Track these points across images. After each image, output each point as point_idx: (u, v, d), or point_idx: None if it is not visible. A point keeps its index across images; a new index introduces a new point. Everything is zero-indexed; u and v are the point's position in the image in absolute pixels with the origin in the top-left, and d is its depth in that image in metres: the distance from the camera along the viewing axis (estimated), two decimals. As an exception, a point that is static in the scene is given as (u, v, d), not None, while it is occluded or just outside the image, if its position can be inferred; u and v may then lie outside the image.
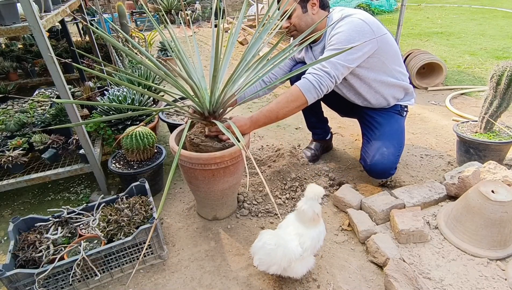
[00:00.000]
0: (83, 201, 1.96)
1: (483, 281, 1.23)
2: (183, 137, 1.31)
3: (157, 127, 2.43)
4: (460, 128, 1.96)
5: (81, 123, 1.33)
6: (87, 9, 5.57)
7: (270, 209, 1.74)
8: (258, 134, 2.56)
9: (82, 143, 1.74)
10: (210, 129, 1.48)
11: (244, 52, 1.47)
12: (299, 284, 1.35)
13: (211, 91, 1.34)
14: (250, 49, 1.49)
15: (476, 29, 5.23)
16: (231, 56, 1.59)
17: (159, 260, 1.49)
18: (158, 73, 1.32)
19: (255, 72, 1.48)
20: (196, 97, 1.40)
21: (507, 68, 1.66)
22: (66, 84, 1.59)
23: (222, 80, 1.49)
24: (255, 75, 1.47)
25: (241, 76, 1.47)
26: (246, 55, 1.46)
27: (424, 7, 7.54)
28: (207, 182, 1.51)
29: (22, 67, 3.46)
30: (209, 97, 1.40)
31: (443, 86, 3.16)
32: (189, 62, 1.54)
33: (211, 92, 1.35)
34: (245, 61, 1.46)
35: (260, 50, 1.49)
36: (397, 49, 1.71)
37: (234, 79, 1.41)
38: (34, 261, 1.33)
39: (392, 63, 1.69)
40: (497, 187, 1.30)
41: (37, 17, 1.40)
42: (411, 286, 1.18)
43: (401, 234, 1.40)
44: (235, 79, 1.44)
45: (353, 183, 1.92)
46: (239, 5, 8.32)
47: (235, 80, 1.44)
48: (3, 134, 2.05)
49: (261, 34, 1.51)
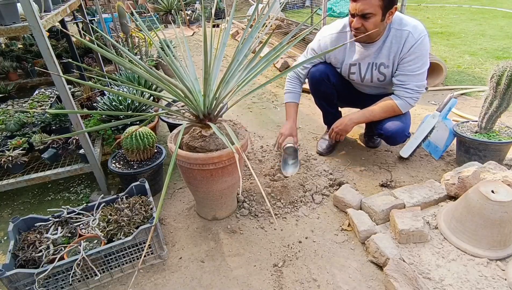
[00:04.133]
0: (83, 201, 1.96)
1: (483, 281, 1.23)
2: (179, 139, 1.31)
3: (157, 127, 2.43)
4: (460, 128, 1.96)
5: (83, 131, 1.32)
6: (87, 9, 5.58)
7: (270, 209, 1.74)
8: (258, 134, 2.56)
9: (82, 143, 1.74)
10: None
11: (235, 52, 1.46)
12: (299, 284, 1.35)
13: (204, 93, 1.34)
14: (242, 49, 1.47)
15: (476, 29, 5.22)
16: (223, 56, 1.59)
17: (159, 260, 1.49)
18: (148, 79, 1.30)
19: (247, 71, 1.46)
20: (189, 100, 1.40)
21: (507, 68, 1.65)
22: (66, 84, 1.59)
23: (215, 82, 1.48)
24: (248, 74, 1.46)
25: (234, 75, 1.46)
26: (238, 54, 1.45)
27: (424, 7, 7.54)
28: (205, 182, 1.51)
29: (22, 67, 3.46)
30: (203, 100, 1.39)
31: (443, 86, 3.16)
32: (183, 65, 1.53)
33: (204, 95, 1.35)
34: (237, 61, 1.45)
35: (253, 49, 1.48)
36: None
37: (227, 80, 1.40)
38: (34, 261, 1.33)
39: None
40: (497, 187, 1.30)
41: (37, 17, 1.40)
42: (411, 286, 1.18)
43: (401, 234, 1.40)
44: (228, 80, 1.43)
45: (353, 183, 1.92)
46: (239, 5, 8.32)
47: (228, 81, 1.43)
48: (3, 134, 2.05)
49: (252, 32, 1.50)
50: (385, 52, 1.74)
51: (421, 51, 1.68)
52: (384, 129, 1.84)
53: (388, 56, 1.75)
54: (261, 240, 1.58)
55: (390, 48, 1.72)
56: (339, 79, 2.00)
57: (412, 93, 1.75)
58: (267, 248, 1.53)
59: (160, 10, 7.40)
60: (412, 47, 1.67)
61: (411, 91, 1.75)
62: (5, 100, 2.85)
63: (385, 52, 1.74)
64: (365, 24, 1.61)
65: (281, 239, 1.57)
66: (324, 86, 1.99)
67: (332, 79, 1.97)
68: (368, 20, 1.60)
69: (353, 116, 1.88)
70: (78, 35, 4.42)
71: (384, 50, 1.74)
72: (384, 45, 1.73)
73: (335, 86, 1.99)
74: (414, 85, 1.73)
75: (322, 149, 2.19)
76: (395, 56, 1.73)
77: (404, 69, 1.73)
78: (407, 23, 1.69)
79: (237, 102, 1.57)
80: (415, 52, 1.68)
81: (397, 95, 1.80)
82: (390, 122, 1.83)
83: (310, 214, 1.72)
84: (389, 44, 1.72)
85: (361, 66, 1.85)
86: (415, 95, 1.76)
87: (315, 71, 1.97)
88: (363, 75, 1.87)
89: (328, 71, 1.95)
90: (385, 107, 1.81)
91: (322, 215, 1.71)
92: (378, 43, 1.74)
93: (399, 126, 1.81)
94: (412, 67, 1.71)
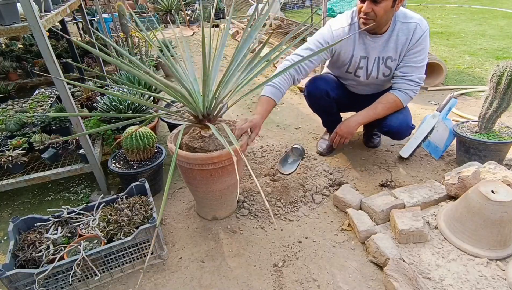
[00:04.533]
0: (83, 201, 1.96)
1: (483, 281, 1.23)
2: (178, 140, 1.31)
3: (157, 127, 2.43)
4: (460, 128, 1.96)
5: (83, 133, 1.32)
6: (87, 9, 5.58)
7: (270, 209, 1.73)
8: (258, 134, 2.55)
9: (82, 143, 1.74)
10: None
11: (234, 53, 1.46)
12: (299, 284, 1.35)
13: (203, 94, 1.34)
14: (241, 49, 1.47)
15: (476, 29, 5.22)
16: (222, 56, 1.58)
17: (159, 260, 1.49)
18: (147, 80, 1.30)
19: (247, 72, 1.46)
20: (187, 102, 1.39)
21: (507, 68, 1.65)
22: (66, 84, 1.59)
23: (215, 82, 1.48)
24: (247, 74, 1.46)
25: (234, 75, 1.46)
26: (237, 55, 1.45)
27: (424, 7, 7.54)
28: (205, 182, 1.51)
29: (22, 67, 3.45)
30: (202, 100, 1.39)
31: (443, 86, 3.16)
32: (182, 65, 1.53)
33: (203, 96, 1.35)
34: (236, 61, 1.45)
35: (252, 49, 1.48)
36: None
37: (226, 80, 1.40)
38: (34, 261, 1.33)
39: None
40: (497, 187, 1.30)
41: (37, 17, 1.40)
42: (411, 286, 1.18)
43: (401, 234, 1.40)
44: (227, 80, 1.43)
45: (353, 183, 1.92)
46: (239, 5, 8.32)
47: (227, 81, 1.43)
48: (3, 134, 2.05)
49: (251, 32, 1.49)
50: (392, 45, 1.74)
51: (426, 43, 1.72)
52: (389, 126, 1.85)
53: (395, 49, 1.75)
54: (261, 240, 1.58)
55: (397, 41, 1.73)
56: (338, 91, 1.99)
57: (413, 86, 1.77)
58: (267, 248, 1.53)
59: (160, 10, 7.40)
60: (420, 38, 1.70)
61: (413, 83, 1.76)
62: (5, 100, 2.85)
63: (392, 45, 1.74)
64: (375, 9, 1.58)
65: (281, 239, 1.57)
66: (323, 102, 1.98)
67: (331, 94, 1.95)
68: (378, 5, 1.57)
69: (357, 117, 1.86)
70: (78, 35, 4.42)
71: (391, 43, 1.74)
72: (391, 38, 1.73)
73: (335, 99, 1.98)
74: (416, 77, 1.76)
75: (322, 149, 2.19)
76: (402, 48, 1.74)
77: (409, 60, 1.75)
78: (412, 15, 1.72)
79: (237, 101, 1.57)
80: (421, 43, 1.71)
81: (397, 88, 1.80)
82: (392, 118, 1.84)
83: (310, 214, 1.72)
84: (395, 36, 1.72)
85: (369, 61, 1.83)
86: (415, 87, 1.78)
87: (314, 89, 1.95)
88: (369, 71, 1.85)
89: (327, 86, 1.94)
90: (388, 103, 1.81)
91: (322, 215, 1.71)
92: (384, 36, 1.74)
93: (402, 119, 1.83)
94: (417, 58, 1.74)
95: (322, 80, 1.97)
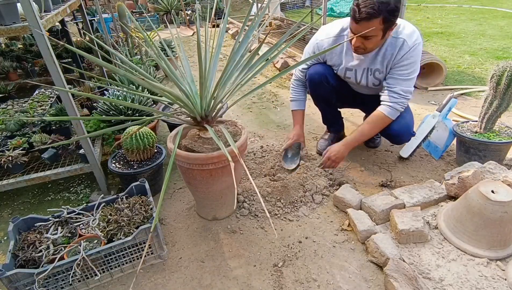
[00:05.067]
0: (83, 201, 1.96)
1: (483, 281, 1.23)
2: (177, 142, 1.31)
3: (157, 127, 2.43)
4: (460, 128, 1.96)
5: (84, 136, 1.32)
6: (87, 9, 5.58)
7: (270, 209, 1.73)
8: (258, 134, 2.55)
9: (82, 143, 1.74)
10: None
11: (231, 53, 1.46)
12: (299, 284, 1.35)
13: (200, 96, 1.34)
14: (238, 49, 1.47)
15: (476, 29, 5.22)
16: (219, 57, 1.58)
17: (159, 260, 1.49)
18: (144, 85, 1.30)
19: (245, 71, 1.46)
20: (184, 104, 1.39)
21: (507, 68, 1.65)
22: (66, 84, 1.59)
23: (212, 83, 1.48)
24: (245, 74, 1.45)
25: (232, 75, 1.46)
26: (234, 55, 1.45)
27: (424, 7, 7.54)
28: (205, 182, 1.51)
29: (22, 67, 3.46)
30: (199, 102, 1.39)
31: (443, 86, 3.16)
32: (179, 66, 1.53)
33: (201, 97, 1.34)
34: (234, 61, 1.45)
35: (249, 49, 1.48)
36: None
37: (223, 82, 1.40)
38: (34, 261, 1.33)
39: None
40: (497, 187, 1.30)
41: (37, 17, 1.40)
42: (411, 286, 1.18)
43: (401, 234, 1.40)
44: (225, 81, 1.43)
45: (353, 183, 1.92)
46: (239, 5, 8.32)
47: (225, 82, 1.43)
48: (3, 134, 2.05)
49: (248, 32, 1.49)
50: (379, 58, 1.76)
51: (413, 58, 1.69)
52: (390, 129, 1.85)
53: (382, 62, 1.77)
54: (261, 240, 1.58)
55: (384, 55, 1.74)
56: (338, 80, 2.00)
57: (397, 98, 1.74)
58: (267, 248, 1.53)
59: (160, 10, 7.40)
60: (406, 54, 1.68)
61: (396, 95, 1.74)
62: (5, 100, 2.85)
63: (380, 59, 1.76)
64: (365, 43, 1.63)
65: (281, 239, 1.57)
66: (323, 88, 1.99)
67: (331, 80, 1.96)
68: (368, 40, 1.62)
69: (347, 141, 1.85)
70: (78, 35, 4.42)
71: (379, 56, 1.76)
72: (380, 52, 1.75)
73: (334, 87, 1.99)
74: (400, 89, 1.73)
75: (322, 149, 2.18)
76: (388, 62, 1.75)
77: (395, 73, 1.75)
78: (403, 30, 1.69)
79: (237, 102, 1.57)
80: (408, 58, 1.69)
81: (383, 102, 1.79)
82: (394, 122, 1.83)
83: (310, 214, 1.72)
84: (384, 50, 1.73)
85: (357, 72, 1.87)
86: (400, 100, 1.74)
87: (314, 73, 1.96)
88: (358, 79, 1.89)
89: (327, 72, 1.95)
90: (373, 123, 1.81)
91: (322, 215, 1.71)
92: (373, 51, 1.75)
93: (403, 124, 1.83)
94: (403, 72, 1.73)
95: (323, 65, 1.98)
